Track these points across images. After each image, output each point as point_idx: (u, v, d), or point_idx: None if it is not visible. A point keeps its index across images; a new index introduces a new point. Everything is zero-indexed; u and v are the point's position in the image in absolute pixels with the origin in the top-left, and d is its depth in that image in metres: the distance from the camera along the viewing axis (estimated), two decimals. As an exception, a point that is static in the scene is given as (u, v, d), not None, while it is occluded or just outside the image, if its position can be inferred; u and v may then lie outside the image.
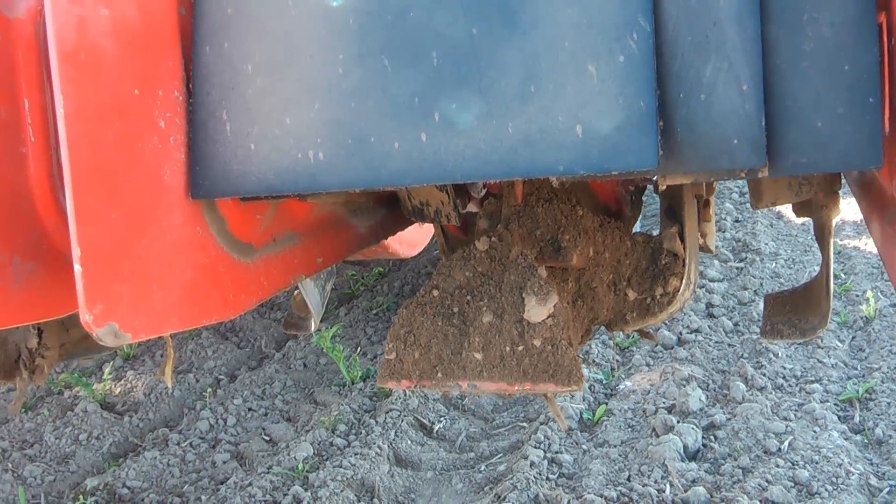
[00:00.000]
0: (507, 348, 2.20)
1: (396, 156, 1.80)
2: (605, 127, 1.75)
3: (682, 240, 2.53)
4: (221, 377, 6.01)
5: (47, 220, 2.21)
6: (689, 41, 1.77)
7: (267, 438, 5.15)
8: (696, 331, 5.94)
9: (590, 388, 5.28)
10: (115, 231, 1.72)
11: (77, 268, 1.65)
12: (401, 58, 1.80)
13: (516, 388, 2.18)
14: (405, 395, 5.22)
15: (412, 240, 4.12)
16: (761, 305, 6.22)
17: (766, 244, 7.55)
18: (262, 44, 1.89)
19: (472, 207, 2.79)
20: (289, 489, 4.41)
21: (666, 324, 5.97)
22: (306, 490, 4.37)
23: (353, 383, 5.67)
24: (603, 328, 2.71)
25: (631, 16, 1.75)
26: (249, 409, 5.47)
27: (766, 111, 1.76)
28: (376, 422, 4.99)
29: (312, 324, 3.21)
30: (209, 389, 5.80)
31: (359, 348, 6.19)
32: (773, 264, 7.16)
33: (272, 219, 2.22)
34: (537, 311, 2.20)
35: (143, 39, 1.83)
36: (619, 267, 2.56)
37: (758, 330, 5.91)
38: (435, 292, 2.32)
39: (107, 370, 6.13)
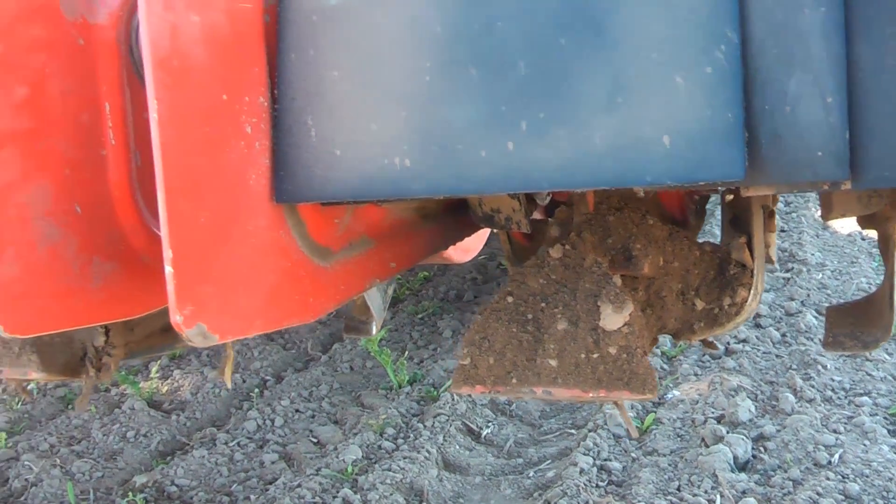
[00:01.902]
0: (582, 355, 2.20)
1: (483, 164, 1.80)
2: (693, 138, 1.75)
3: (750, 250, 2.52)
4: (268, 378, 6.04)
5: (125, 222, 2.24)
6: (775, 54, 1.77)
7: (314, 440, 5.17)
8: (744, 341, 5.91)
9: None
10: (204, 234, 1.74)
11: (168, 269, 1.66)
12: (488, 66, 1.81)
13: (591, 395, 2.19)
14: (453, 399, 5.23)
15: (467, 246, 4.12)
16: (808, 316, 6.20)
17: (813, 255, 7.50)
18: (348, 51, 1.90)
19: (536, 215, 2.80)
20: (338, 491, 4.42)
21: (713, 333, 5.94)
22: (356, 493, 4.38)
23: (400, 387, 5.68)
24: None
25: (719, 28, 1.75)
26: (296, 411, 5.50)
27: (849, 124, 1.75)
28: (424, 426, 5.00)
29: (374, 328, 3.22)
30: (256, 390, 5.83)
31: (406, 352, 6.21)
32: (820, 275, 7.11)
33: (349, 223, 2.23)
34: (613, 319, 2.20)
35: (231, 46, 1.84)
36: (688, 276, 2.55)
37: (805, 341, 5.89)
38: (509, 299, 2.33)
39: (153, 369, 6.18)
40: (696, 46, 1.75)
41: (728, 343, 5.88)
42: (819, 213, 9.60)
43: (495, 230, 2.81)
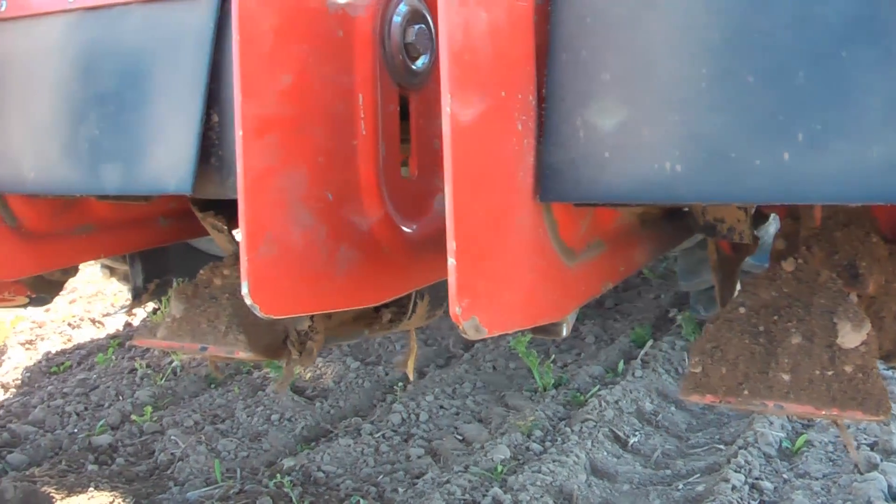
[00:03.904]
0: (817, 372, 2.17)
1: (756, 172, 1.79)
2: None
3: None
4: (411, 372, 6.09)
5: (371, 212, 2.28)
6: None
7: (460, 437, 5.18)
8: (894, 368, 5.79)
9: (788, 416, 5.18)
10: (480, 228, 1.77)
11: (451, 261, 1.69)
12: (766, 75, 1.80)
13: (823, 412, 2.16)
14: (600, 405, 5.21)
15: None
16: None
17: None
18: (621, 54, 1.90)
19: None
20: (487, 490, 4.42)
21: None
22: (505, 493, 4.38)
23: (545, 390, 5.68)
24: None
25: None
26: (441, 407, 5.53)
27: None
28: (572, 430, 4.99)
29: (564, 329, 3.21)
30: (399, 384, 5.88)
31: (552, 355, 6.21)
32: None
33: (588, 226, 2.24)
34: (851, 337, 2.17)
35: (509, 43, 1.87)
36: None
37: (955, 371, 5.77)
38: (741, 309, 2.31)
39: (296, 355, 6.25)
40: None
41: (876, 368, 5.75)
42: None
43: (714, 239, 2.80)
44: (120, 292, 8.25)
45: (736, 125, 1.81)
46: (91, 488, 4.58)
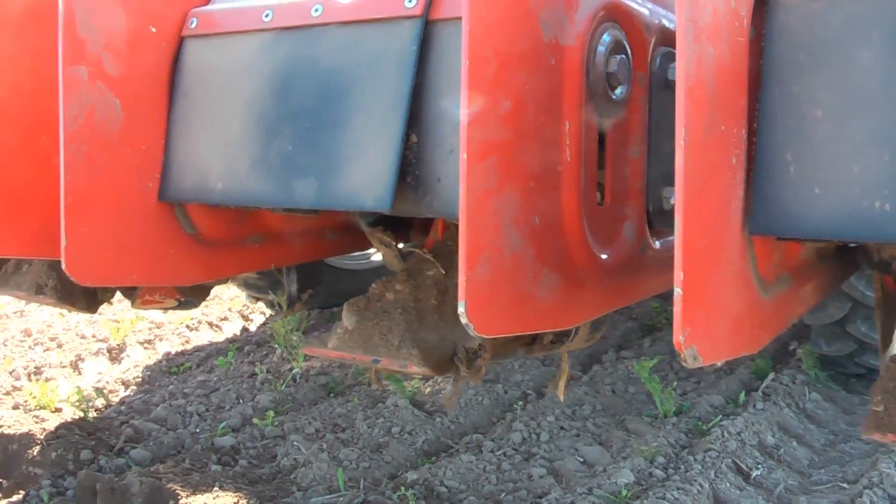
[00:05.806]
0: None
1: None
2: None
3: None
4: (529, 392, 6.14)
5: (571, 237, 2.36)
6: None
7: (581, 459, 5.22)
8: None
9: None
10: (700, 259, 1.84)
11: (677, 290, 1.76)
12: None
13: None
14: (723, 436, 5.22)
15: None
16: None
17: None
18: (833, 91, 1.96)
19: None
20: (612, 513, 4.47)
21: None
22: (631, 517, 4.43)
23: (665, 416, 5.70)
24: None
25: None
26: (561, 428, 5.57)
27: None
28: (695, 459, 5.00)
29: (717, 359, 3.26)
30: (519, 403, 5.93)
31: (675, 382, 6.23)
32: None
33: (779, 259, 2.30)
34: None
35: (730, 78, 1.94)
36: None
37: None
38: (920, 348, 2.35)
39: (415, 369, 6.33)
40: None
41: None
42: None
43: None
44: (236, 297, 8.44)
45: None
46: (215, 488, 4.67)
